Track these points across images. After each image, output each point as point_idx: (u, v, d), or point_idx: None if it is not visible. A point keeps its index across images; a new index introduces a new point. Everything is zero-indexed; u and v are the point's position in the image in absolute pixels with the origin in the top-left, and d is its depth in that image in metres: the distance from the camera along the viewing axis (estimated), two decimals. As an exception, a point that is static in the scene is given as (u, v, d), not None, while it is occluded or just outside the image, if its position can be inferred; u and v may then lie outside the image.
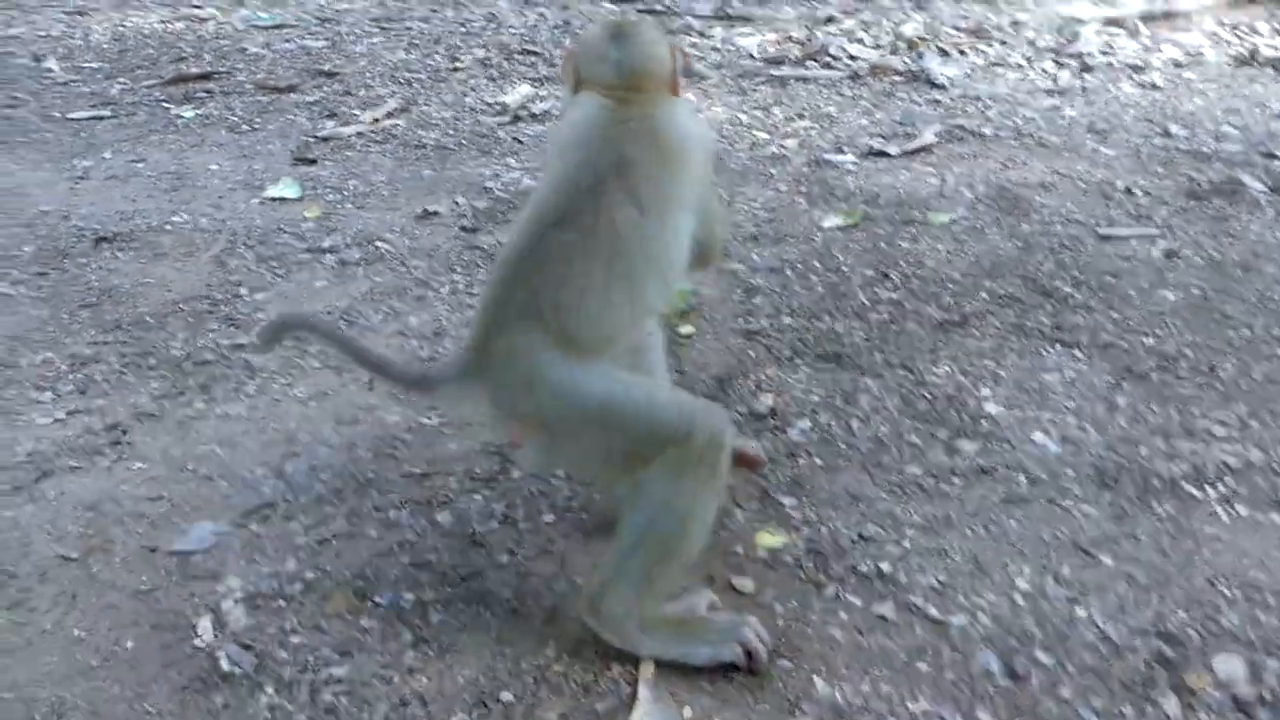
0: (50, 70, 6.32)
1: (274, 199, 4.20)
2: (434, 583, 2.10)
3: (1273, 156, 4.32)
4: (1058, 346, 2.92)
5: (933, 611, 1.99)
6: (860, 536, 2.20)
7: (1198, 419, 2.58)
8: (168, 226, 3.95)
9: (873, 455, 2.48)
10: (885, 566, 2.11)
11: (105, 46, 6.92)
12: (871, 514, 2.27)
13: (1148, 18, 6.19)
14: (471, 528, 2.26)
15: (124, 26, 7.50)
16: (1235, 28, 6.22)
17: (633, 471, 1.84)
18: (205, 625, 1.99)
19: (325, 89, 5.75)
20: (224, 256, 3.68)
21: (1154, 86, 5.17)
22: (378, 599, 2.06)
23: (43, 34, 7.33)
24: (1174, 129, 4.56)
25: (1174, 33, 5.99)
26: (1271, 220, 3.72)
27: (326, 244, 3.74)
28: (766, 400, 2.71)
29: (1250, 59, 5.63)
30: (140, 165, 4.64)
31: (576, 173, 1.92)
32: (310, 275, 3.52)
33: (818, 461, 2.46)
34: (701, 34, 6.59)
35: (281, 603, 2.05)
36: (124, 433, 2.63)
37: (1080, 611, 1.99)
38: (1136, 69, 5.43)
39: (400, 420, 2.66)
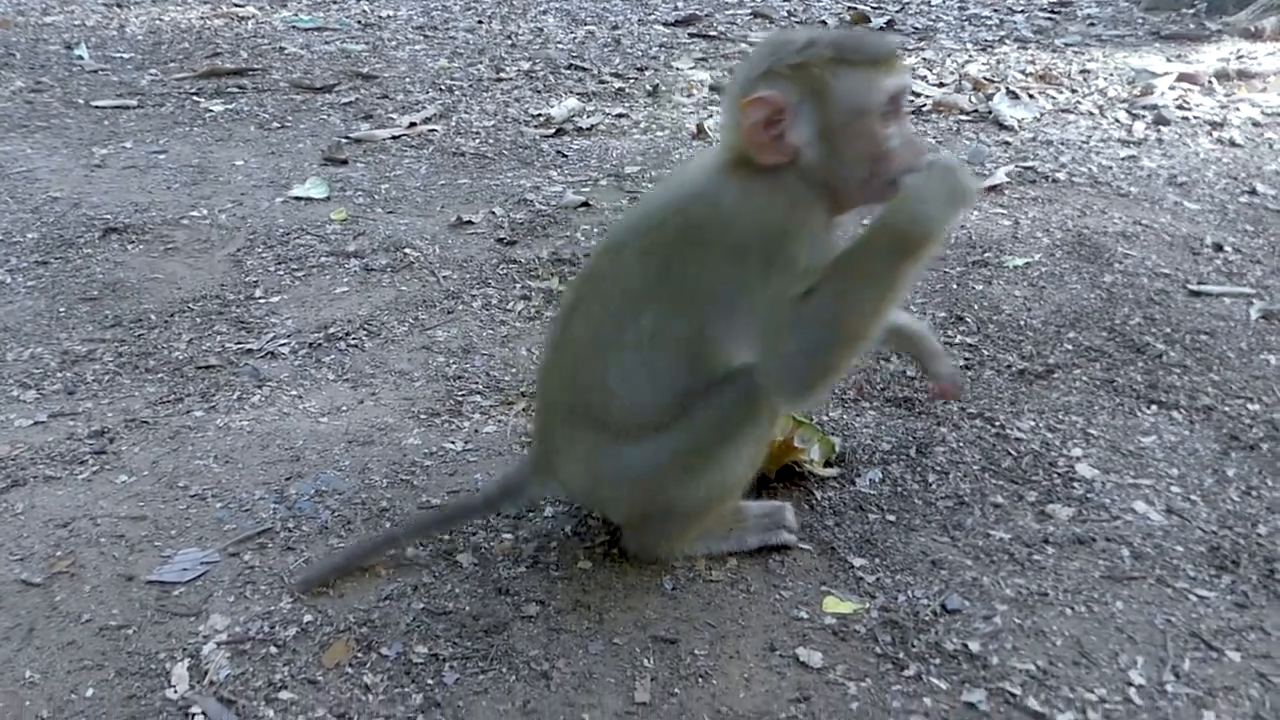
0: (80, 58, 6.13)
1: (299, 198, 3.94)
2: (451, 635, 1.81)
3: (1367, 221, 4.01)
4: (1153, 407, 2.61)
5: (1032, 704, 1.70)
6: (944, 608, 1.91)
7: (1323, 498, 2.27)
8: (184, 221, 3.70)
9: (952, 515, 2.18)
10: (974, 646, 1.82)
11: (140, 38, 6.74)
12: (955, 583, 1.97)
13: (1222, 76, 5.93)
14: (497, 572, 1.97)
15: (161, 20, 7.33)
16: (1313, 90, 5.96)
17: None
18: (181, 673, 1.71)
19: (362, 91, 5.51)
20: (241, 255, 3.42)
21: (1234, 144, 4.88)
22: (384, 651, 1.77)
23: (78, 23, 7.17)
24: (1260, 187, 4.26)
25: (1250, 93, 5.71)
26: (1376, 286, 3.41)
27: (351, 248, 3.48)
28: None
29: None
30: (162, 157, 4.40)
31: (620, 230, 1.88)
32: (331, 280, 3.25)
33: (890, 518, 2.17)
34: (754, 61, 6.35)
35: (272, 649, 1.77)
36: (110, 440, 2.37)
37: (1209, 715, 1.68)
38: (1214, 125, 5.14)
39: (420, 444, 2.38)
